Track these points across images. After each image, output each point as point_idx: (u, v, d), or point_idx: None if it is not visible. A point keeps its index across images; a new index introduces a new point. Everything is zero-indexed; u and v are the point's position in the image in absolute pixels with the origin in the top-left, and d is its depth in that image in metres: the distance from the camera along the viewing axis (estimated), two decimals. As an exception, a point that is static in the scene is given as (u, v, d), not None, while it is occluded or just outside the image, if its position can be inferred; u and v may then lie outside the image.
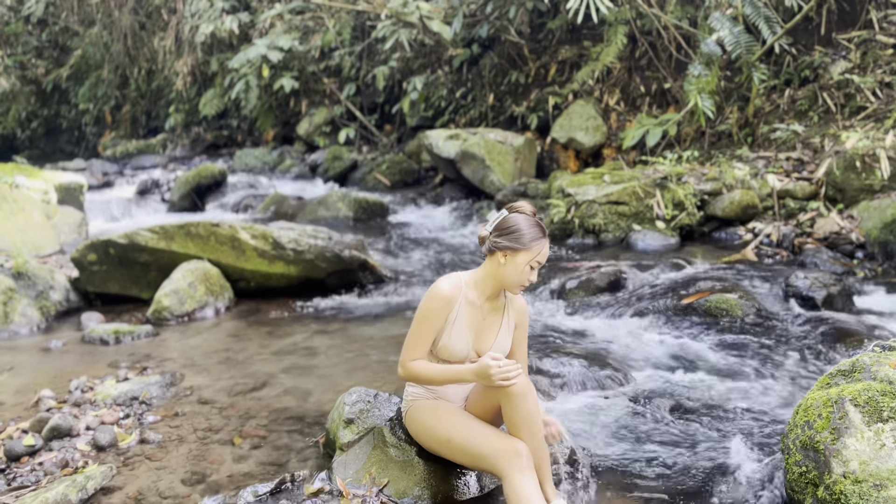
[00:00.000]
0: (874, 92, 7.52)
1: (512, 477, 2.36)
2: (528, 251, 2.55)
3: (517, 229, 2.57)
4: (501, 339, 2.69)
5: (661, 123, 8.56)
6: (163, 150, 15.22)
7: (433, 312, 2.57)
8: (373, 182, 10.63)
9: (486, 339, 2.67)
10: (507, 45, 10.77)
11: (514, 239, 2.56)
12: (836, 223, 6.18)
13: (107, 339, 4.77)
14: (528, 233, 2.56)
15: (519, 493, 2.34)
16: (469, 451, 2.49)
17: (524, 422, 2.43)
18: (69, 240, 7.56)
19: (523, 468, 2.37)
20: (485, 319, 2.67)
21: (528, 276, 2.59)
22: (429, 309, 2.58)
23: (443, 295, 2.57)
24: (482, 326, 2.66)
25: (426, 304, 2.59)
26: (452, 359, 2.62)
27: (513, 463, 2.37)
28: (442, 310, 2.58)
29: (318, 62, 12.81)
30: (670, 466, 2.87)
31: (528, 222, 2.57)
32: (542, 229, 2.59)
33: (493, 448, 2.44)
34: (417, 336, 2.60)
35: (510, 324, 2.72)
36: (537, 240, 2.56)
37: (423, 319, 2.59)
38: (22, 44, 17.43)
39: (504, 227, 2.59)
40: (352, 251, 5.69)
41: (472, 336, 2.64)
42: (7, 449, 3.16)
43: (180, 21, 14.52)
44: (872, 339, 3.87)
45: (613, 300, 5.02)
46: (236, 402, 3.66)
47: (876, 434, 2.30)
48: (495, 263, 2.60)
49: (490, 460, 2.43)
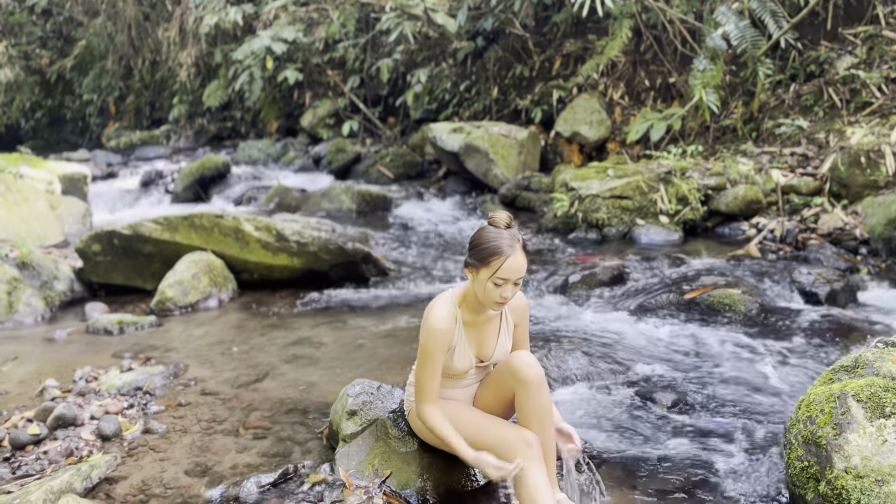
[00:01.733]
0: (880, 87, 7.49)
1: (522, 467, 2.37)
2: (487, 268, 2.40)
3: (477, 244, 2.45)
4: (502, 343, 2.66)
5: (665, 118, 8.54)
6: (166, 141, 15.23)
7: (436, 349, 2.49)
8: (376, 175, 10.62)
9: (488, 347, 2.64)
10: (511, 38, 10.74)
11: (473, 255, 2.46)
12: (840, 219, 6.17)
13: (111, 329, 4.79)
14: (487, 248, 2.40)
15: (528, 483, 2.35)
16: (479, 443, 2.48)
17: (536, 413, 2.44)
18: (73, 230, 7.58)
19: (533, 458, 2.38)
20: (482, 329, 2.62)
21: (494, 294, 2.42)
22: (430, 347, 2.48)
23: (441, 329, 2.48)
24: (482, 336, 2.63)
25: (427, 343, 2.49)
26: (455, 374, 2.61)
27: (523, 453, 2.38)
28: (443, 343, 2.50)
29: (322, 54, 12.79)
30: (672, 460, 2.88)
31: (491, 236, 2.43)
32: (510, 243, 2.40)
33: (502, 438, 2.44)
34: (426, 374, 2.51)
35: (509, 326, 2.69)
36: (496, 255, 2.38)
37: (426, 358, 2.50)
38: (26, 34, 17.42)
39: (471, 242, 2.49)
40: (355, 244, 5.70)
41: (474, 349, 2.62)
42: (12, 438, 3.18)
43: (184, 12, 14.51)
44: (875, 335, 3.87)
45: (616, 294, 5.02)
46: (240, 393, 3.68)
47: (878, 430, 2.30)
48: (470, 279, 2.53)
49: (499, 451, 2.42)
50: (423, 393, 2.52)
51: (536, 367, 2.45)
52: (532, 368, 2.44)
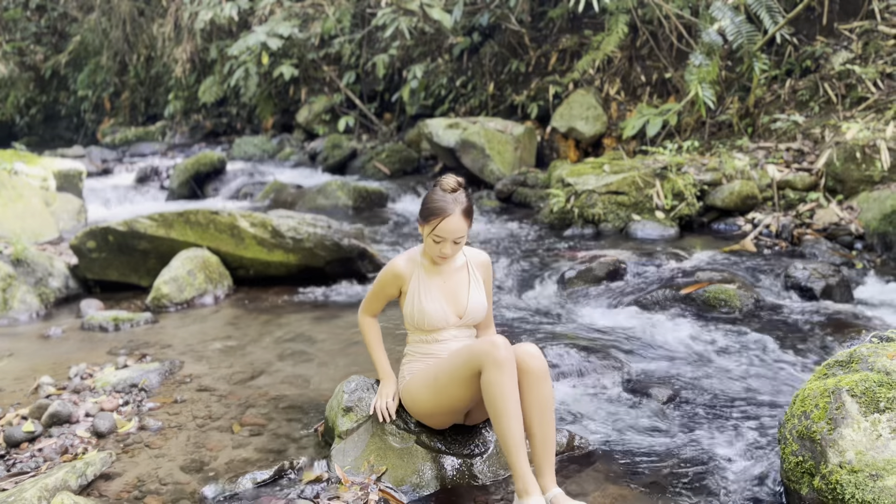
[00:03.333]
0: (875, 83, 7.50)
1: (488, 371, 2.42)
2: (428, 225, 2.63)
3: (424, 203, 2.67)
4: (474, 296, 2.78)
5: (661, 113, 8.54)
6: (162, 137, 15.20)
7: (383, 282, 2.80)
8: (372, 171, 10.61)
9: (460, 300, 2.76)
10: (507, 34, 10.73)
11: (420, 212, 2.69)
12: (835, 214, 6.18)
13: (106, 326, 4.78)
14: (429, 208, 2.62)
15: (493, 388, 2.40)
16: (455, 373, 2.54)
17: (537, 405, 2.46)
18: (68, 227, 7.55)
19: (500, 363, 2.41)
20: (448, 281, 2.76)
21: (434, 249, 2.66)
22: (380, 278, 2.81)
23: (393, 269, 2.76)
24: (449, 288, 2.76)
25: (380, 274, 2.82)
26: (431, 325, 2.73)
27: (489, 355, 2.43)
28: (391, 281, 2.78)
29: (317, 50, 12.76)
30: (666, 455, 2.88)
31: (435, 197, 2.63)
32: (451, 206, 2.59)
33: (470, 350, 2.51)
34: (370, 295, 2.90)
35: (478, 280, 2.81)
36: (434, 216, 2.60)
37: (375, 286, 2.86)
38: (21, 30, 17.35)
39: (421, 201, 2.71)
40: (351, 240, 5.69)
41: (445, 300, 2.74)
42: (7, 435, 3.17)
43: (179, 7, 14.45)
44: (870, 330, 3.88)
45: (612, 290, 5.02)
46: (235, 389, 3.67)
47: (872, 424, 2.31)
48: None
49: (471, 362, 2.48)
50: (364, 306, 2.93)
51: (540, 359, 2.50)
52: (535, 360, 2.49)
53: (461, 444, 2.77)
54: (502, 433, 2.41)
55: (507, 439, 2.39)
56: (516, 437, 2.39)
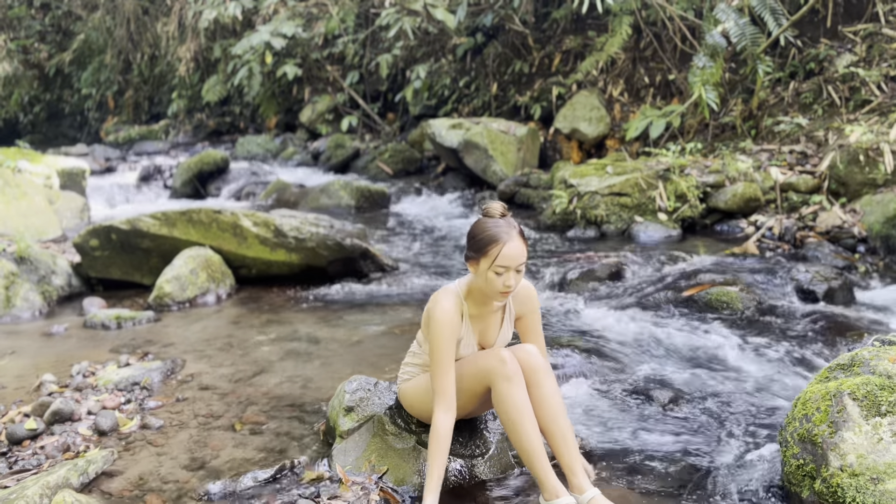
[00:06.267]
0: (879, 85, 7.49)
1: (499, 386, 2.41)
2: (486, 258, 2.41)
3: (474, 235, 2.47)
4: (504, 333, 2.71)
5: (664, 115, 8.54)
6: (165, 136, 15.22)
7: (448, 344, 2.47)
8: (375, 171, 10.62)
9: (490, 335, 2.69)
10: (511, 35, 10.73)
11: (471, 246, 2.47)
12: (838, 217, 6.18)
13: (108, 324, 4.79)
14: (484, 237, 2.42)
15: (506, 400, 2.39)
16: (460, 384, 2.51)
17: (541, 401, 2.46)
18: (71, 225, 7.57)
19: (510, 377, 2.40)
20: (487, 320, 2.66)
21: (497, 283, 2.42)
22: (441, 343, 2.46)
23: (450, 322, 2.47)
24: (485, 326, 2.67)
25: (438, 339, 2.46)
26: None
27: (498, 373, 2.41)
28: (453, 336, 2.49)
29: (321, 49, 12.77)
30: (668, 457, 2.88)
31: (487, 225, 2.44)
32: (506, 230, 2.41)
33: (477, 366, 2.49)
34: (441, 371, 2.46)
35: (511, 314, 2.72)
36: (493, 243, 2.39)
37: (439, 353, 2.46)
38: (25, 28, 17.39)
39: (469, 234, 2.51)
40: (353, 239, 5.69)
41: (477, 336, 2.66)
42: (9, 432, 3.17)
43: (183, 6, 14.48)
44: (872, 334, 3.88)
45: (614, 291, 5.02)
46: (237, 388, 3.68)
47: (874, 428, 2.30)
48: (472, 273, 2.53)
49: (479, 377, 2.47)
50: (439, 396, 2.45)
51: (538, 356, 2.52)
52: (534, 357, 2.51)
53: (462, 444, 2.78)
54: (520, 442, 2.40)
55: (526, 446, 2.39)
56: (534, 443, 2.39)
